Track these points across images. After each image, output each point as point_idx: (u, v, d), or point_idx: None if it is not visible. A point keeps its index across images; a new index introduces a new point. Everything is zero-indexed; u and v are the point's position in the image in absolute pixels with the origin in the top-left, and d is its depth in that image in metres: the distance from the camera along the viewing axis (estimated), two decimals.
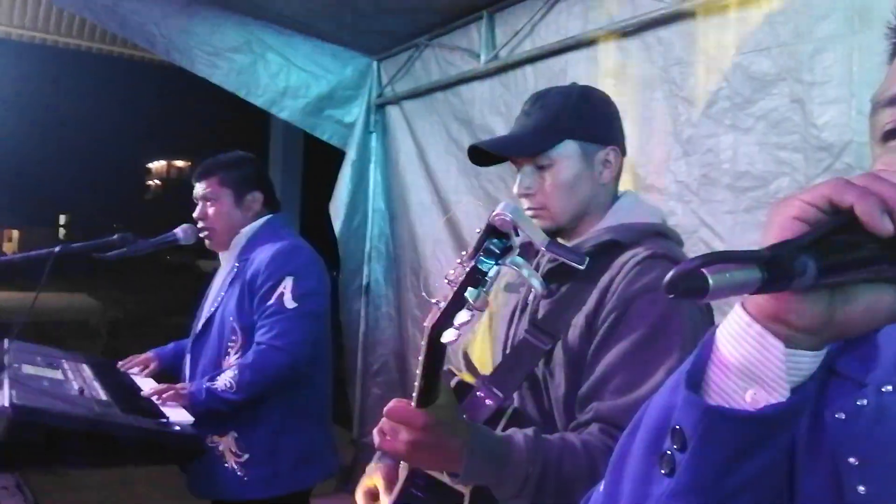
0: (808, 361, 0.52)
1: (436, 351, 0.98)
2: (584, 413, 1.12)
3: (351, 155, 3.60)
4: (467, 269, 0.92)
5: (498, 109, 2.76)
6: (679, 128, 2.14)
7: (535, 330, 1.20)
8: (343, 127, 3.63)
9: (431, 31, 3.13)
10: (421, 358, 0.98)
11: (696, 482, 0.53)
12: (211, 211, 2.12)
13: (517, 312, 1.31)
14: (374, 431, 1.04)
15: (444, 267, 3.02)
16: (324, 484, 2.33)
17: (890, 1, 0.65)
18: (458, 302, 0.92)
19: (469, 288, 0.91)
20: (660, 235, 1.23)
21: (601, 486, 0.66)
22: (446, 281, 0.96)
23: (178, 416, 1.80)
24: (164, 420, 1.74)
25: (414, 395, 1.02)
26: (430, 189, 3.14)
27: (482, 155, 1.30)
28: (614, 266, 1.17)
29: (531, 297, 1.28)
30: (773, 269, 0.45)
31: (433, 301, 0.96)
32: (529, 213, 1.29)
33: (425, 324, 0.96)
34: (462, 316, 0.91)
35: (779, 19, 1.88)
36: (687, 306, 1.12)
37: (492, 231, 0.94)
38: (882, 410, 0.61)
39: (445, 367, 1.17)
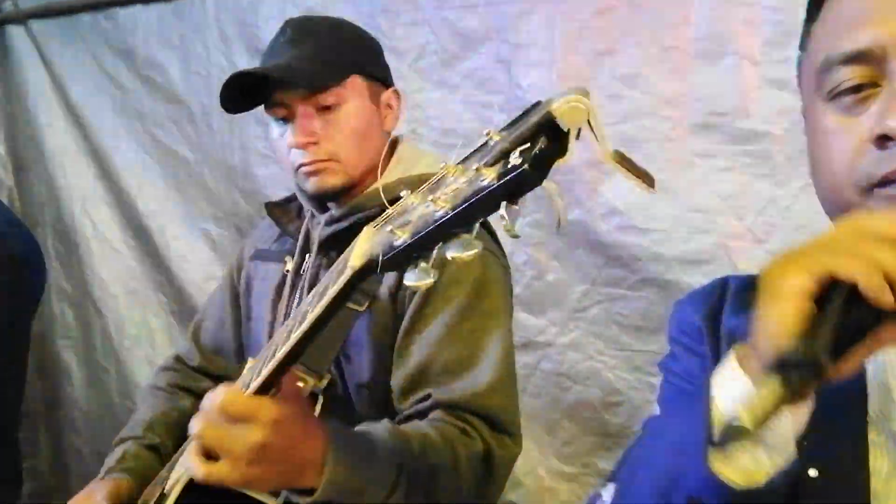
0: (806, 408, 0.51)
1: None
2: (416, 402, 0.96)
3: None
4: (485, 178, 0.50)
5: (170, 42, 2.35)
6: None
7: None
8: None
9: None
10: (305, 323, 0.69)
11: None
12: None
13: (286, 287, 1.09)
14: (191, 455, 0.74)
15: (98, 229, 2.52)
16: None
17: None
18: (448, 224, 0.53)
19: (475, 210, 0.52)
20: None
21: None
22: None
23: None
24: None
25: (255, 381, 0.73)
26: (77, 133, 2.58)
27: (229, 95, 1.05)
28: None
29: (307, 266, 1.07)
30: (798, 379, 0.44)
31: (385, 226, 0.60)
32: (310, 167, 1.07)
33: (352, 264, 0.64)
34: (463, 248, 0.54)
35: None
36: (496, 261, 1.03)
37: (544, 126, 0.51)
38: (827, 394, 0.60)
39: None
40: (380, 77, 1.18)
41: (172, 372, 1.42)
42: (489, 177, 0.49)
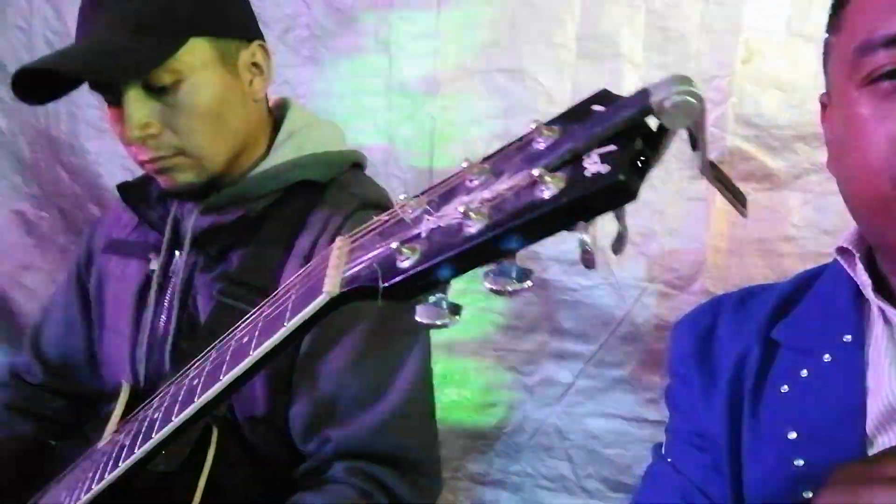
0: None
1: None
2: (316, 446, 0.81)
3: None
4: (548, 187, 0.37)
5: None
6: None
7: (244, 292, 0.82)
8: None
9: None
10: (246, 361, 0.53)
11: None
12: None
13: (152, 291, 0.90)
14: None
15: None
16: None
17: None
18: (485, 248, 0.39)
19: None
20: (358, 167, 0.98)
21: None
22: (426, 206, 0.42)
23: None
24: None
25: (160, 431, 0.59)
26: None
27: (35, 82, 0.83)
28: (312, 223, 0.87)
29: (177, 266, 0.88)
30: None
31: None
32: (153, 166, 0.87)
33: (329, 290, 0.45)
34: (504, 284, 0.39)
35: None
36: None
37: (639, 123, 0.37)
38: (822, 381, 0.56)
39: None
40: (233, 33, 0.91)
41: (8, 390, 1.16)
42: (555, 185, 0.35)
